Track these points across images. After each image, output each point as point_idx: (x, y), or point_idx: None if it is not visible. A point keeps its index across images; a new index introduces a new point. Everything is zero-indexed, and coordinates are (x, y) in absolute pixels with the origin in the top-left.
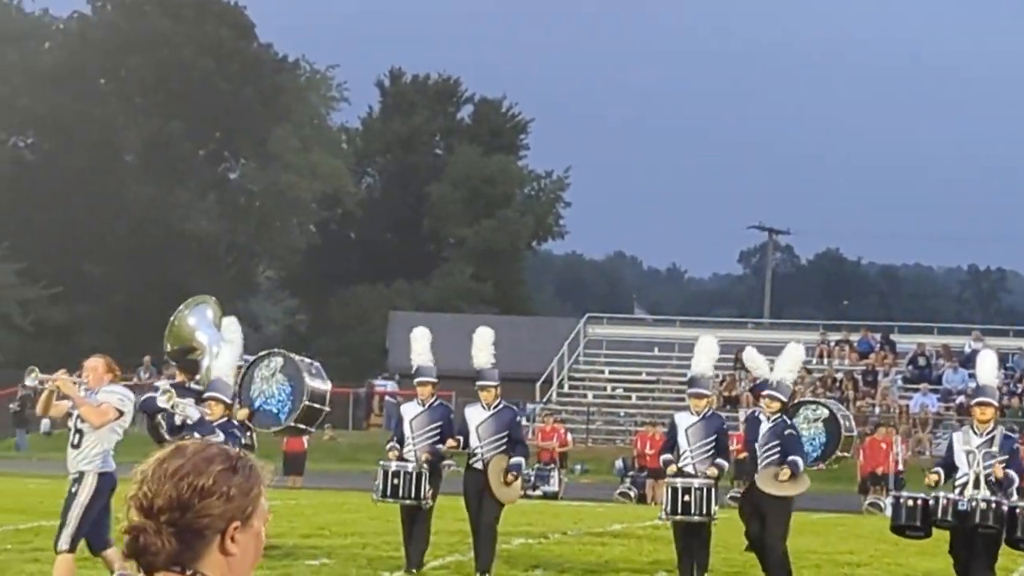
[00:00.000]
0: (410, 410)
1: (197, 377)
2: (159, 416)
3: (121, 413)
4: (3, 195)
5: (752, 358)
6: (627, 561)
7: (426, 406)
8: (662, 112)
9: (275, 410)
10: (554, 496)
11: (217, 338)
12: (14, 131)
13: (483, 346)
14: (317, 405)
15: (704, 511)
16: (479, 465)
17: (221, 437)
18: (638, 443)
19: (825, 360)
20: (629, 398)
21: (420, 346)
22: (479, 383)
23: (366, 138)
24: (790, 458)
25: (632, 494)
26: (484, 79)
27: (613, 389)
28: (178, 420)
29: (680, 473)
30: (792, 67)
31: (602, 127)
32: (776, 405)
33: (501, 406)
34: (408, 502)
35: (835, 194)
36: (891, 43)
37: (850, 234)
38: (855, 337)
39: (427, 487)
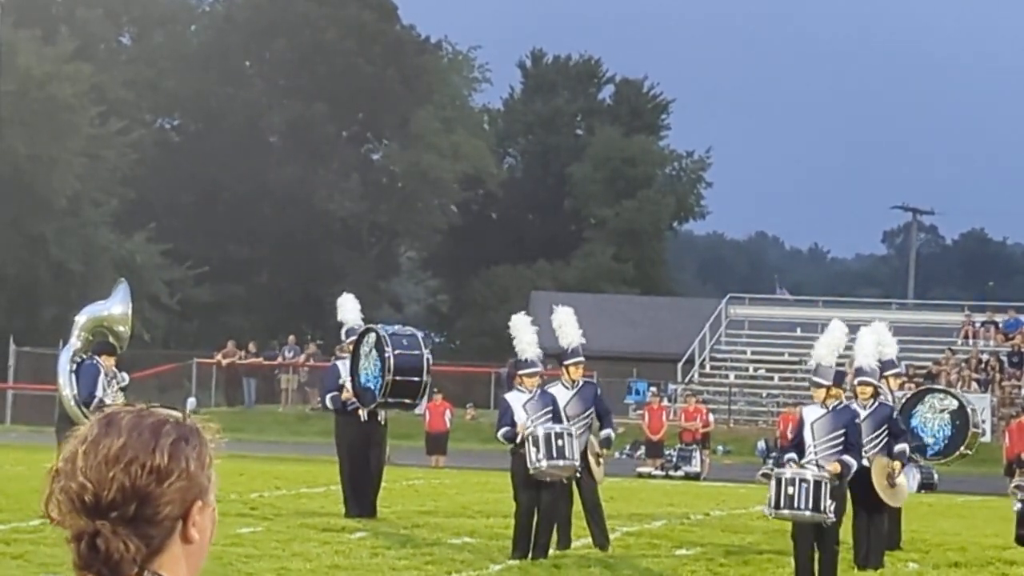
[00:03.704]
0: (518, 399)
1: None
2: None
3: None
4: (149, 176)
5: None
6: (770, 543)
7: (534, 395)
8: (804, 91)
9: (372, 386)
10: (696, 477)
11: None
12: (160, 113)
13: (569, 324)
14: (408, 377)
15: (812, 506)
16: None
17: None
18: (780, 424)
19: (970, 341)
20: (771, 379)
21: (527, 337)
22: (570, 361)
23: (508, 119)
24: (897, 448)
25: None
26: (625, 59)
27: (755, 370)
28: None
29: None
30: (936, 46)
31: (744, 107)
32: (869, 390)
33: (581, 384)
34: (568, 462)
35: (980, 174)
36: None
37: (996, 214)
38: (1000, 318)
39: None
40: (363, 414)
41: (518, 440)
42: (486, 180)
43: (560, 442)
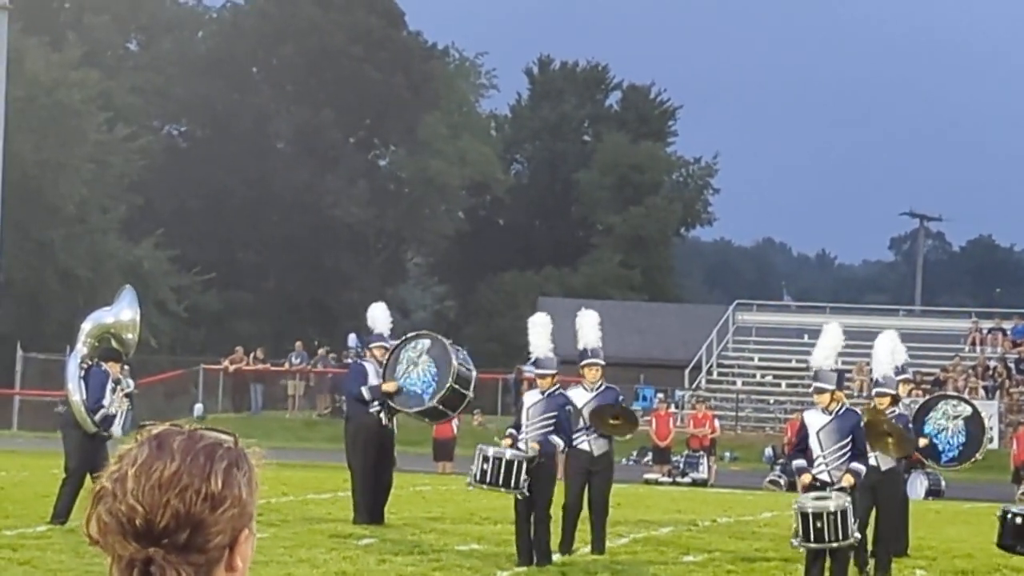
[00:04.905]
0: (530, 398)
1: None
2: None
3: None
4: (157, 182)
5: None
6: (777, 550)
7: (545, 395)
8: (812, 97)
9: (419, 390)
10: (704, 483)
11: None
12: (168, 119)
13: (587, 327)
14: (462, 389)
15: (841, 536)
16: (584, 446)
17: None
18: (788, 431)
19: (977, 348)
20: (778, 385)
21: (541, 339)
22: (584, 362)
23: (515, 125)
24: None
25: (782, 482)
26: (632, 66)
27: (762, 376)
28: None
29: (814, 483)
30: (943, 52)
31: (751, 113)
32: (887, 400)
33: (603, 388)
34: (500, 490)
35: (988, 180)
36: None
37: (1003, 221)
38: (1008, 324)
39: (523, 476)
40: (384, 418)
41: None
42: (493, 186)
43: (485, 466)
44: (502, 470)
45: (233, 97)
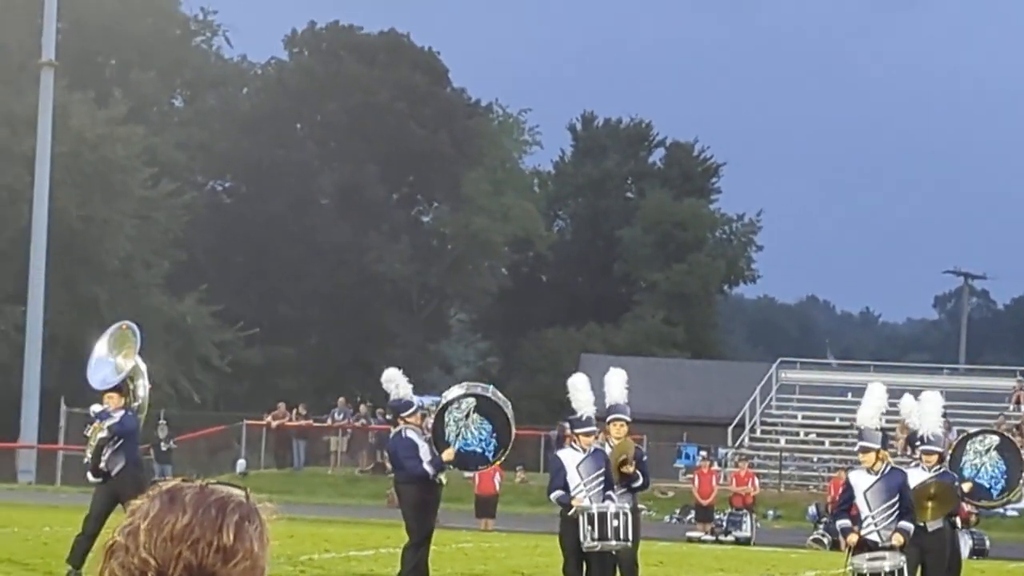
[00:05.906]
0: (573, 457)
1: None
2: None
3: None
4: (201, 238)
5: (906, 405)
6: None
7: (587, 454)
8: (856, 155)
9: (479, 450)
10: (747, 542)
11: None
12: (212, 175)
13: (612, 384)
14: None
15: None
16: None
17: None
18: (831, 489)
19: (1022, 406)
20: (822, 443)
21: (584, 396)
22: (609, 418)
23: (558, 181)
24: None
25: (826, 541)
26: (676, 123)
27: (806, 434)
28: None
29: (864, 545)
30: (989, 108)
31: (794, 170)
32: (935, 458)
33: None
34: (614, 544)
35: None
36: None
37: None
38: None
39: (629, 527)
40: (442, 478)
41: (571, 512)
42: (536, 243)
43: (616, 523)
44: (608, 525)
45: (277, 153)
